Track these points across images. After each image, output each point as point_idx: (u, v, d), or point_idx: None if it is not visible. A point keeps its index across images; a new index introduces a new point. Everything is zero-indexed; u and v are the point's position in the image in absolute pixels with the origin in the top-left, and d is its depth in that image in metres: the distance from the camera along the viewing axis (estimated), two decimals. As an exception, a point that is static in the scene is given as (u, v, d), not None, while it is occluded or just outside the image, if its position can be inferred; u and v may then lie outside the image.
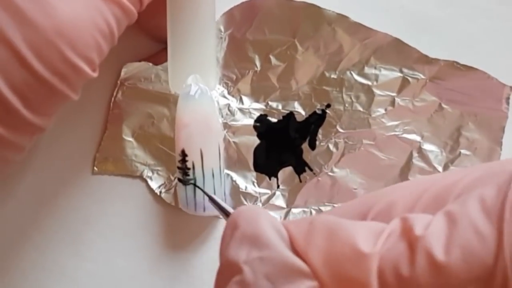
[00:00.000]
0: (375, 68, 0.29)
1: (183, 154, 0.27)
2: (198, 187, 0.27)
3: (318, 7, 0.29)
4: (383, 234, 0.16)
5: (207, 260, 0.29)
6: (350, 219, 0.18)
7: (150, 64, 0.29)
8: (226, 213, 0.23)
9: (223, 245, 0.19)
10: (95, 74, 0.22)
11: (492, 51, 0.30)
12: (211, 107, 0.27)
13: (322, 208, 0.29)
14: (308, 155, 0.29)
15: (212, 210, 0.27)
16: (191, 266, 0.29)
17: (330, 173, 0.29)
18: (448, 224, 0.16)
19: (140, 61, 0.29)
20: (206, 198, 0.27)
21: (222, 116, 0.29)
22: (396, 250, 0.16)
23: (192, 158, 0.26)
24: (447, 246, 0.15)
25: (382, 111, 0.29)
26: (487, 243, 0.15)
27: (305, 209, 0.29)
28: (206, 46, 0.27)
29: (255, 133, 0.29)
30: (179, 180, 0.27)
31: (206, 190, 0.27)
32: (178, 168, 0.27)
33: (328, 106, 0.29)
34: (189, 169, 0.26)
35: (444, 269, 0.15)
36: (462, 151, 0.29)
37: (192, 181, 0.27)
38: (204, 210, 0.27)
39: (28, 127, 0.22)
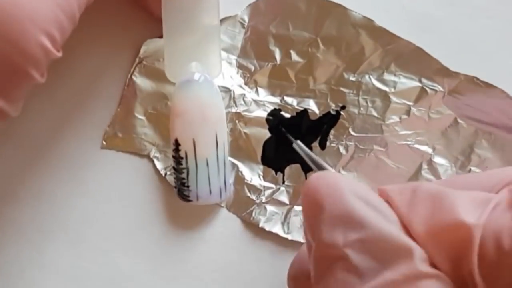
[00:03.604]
0: (395, 75, 0.29)
1: (176, 143, 0.26)
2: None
3: (345, 7, 0.29)
4: (489, 205, 0.16)
5: (207, 260, 0.28)
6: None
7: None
8: (312, 161, 0.23)
9: (312, 228, 0.18)
10: (59, 54, 0.22)
11: (492, 51, 0.30)
12: (209, 95, 0.27)
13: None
14: (317, 154, 0.29)
15: (205, 200, 0.27)
16: (191, 266, 0.28)
17: (337, 175, 0.29)
18: None
19: (160, 37, 0.29)
20: (199, 187, 0.27)
21: (235, 106, 0.29)
22: (500, 221, 0.15)
23: (185, 148, 0.26)
24: None
25: (396, 118, 0.29)
26: None
27: (308, 208, 0.29)
28: (205, 34, 0.27)
29: (267, 126, 0.29)
30: (174, 168, 0.27)
31: (199, 180, 0.26)
32: (172, 157, 0.27)
33: (343, 107, 0.29)
34: (182, 158, 0.26)
35: None
36: (472, 168, 0.28)
37: (185, 170, 0.26)
38: (197, 199, 0.27)
39: None
